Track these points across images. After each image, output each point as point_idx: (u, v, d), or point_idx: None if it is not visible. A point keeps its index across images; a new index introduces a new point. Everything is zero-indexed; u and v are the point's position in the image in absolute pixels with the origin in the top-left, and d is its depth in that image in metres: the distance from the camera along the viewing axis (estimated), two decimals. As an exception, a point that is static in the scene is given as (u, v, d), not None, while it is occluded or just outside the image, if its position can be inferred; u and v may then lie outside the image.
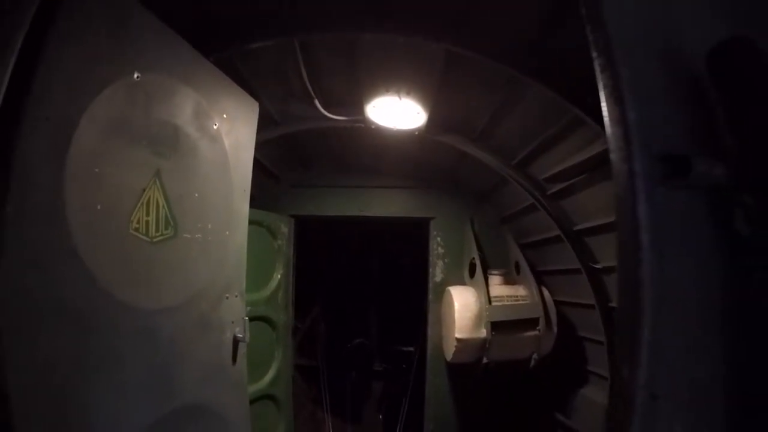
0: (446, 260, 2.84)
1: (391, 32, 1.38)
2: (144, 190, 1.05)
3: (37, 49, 0.85)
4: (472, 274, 2.65)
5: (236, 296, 1.44)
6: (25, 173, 0.80)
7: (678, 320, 0.49)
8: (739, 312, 0.51)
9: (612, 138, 0.50)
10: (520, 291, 2.47)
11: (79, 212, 0.88)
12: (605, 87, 0.52)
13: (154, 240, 1.07)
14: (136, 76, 1.04)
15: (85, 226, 0.90)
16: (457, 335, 2.32)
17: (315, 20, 1.40)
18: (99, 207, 0.93)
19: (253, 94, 1.62)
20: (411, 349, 4.19)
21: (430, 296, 2.85)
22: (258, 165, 1.61)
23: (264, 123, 1.72)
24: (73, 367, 0.90)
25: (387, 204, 2.90)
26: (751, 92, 0.49)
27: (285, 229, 2.77)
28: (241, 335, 1.44)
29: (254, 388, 2.47)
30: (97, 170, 0.92)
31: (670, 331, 0.48)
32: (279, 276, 2.69)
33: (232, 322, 1.42)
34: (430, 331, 2.93)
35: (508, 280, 2.54)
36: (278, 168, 2.66)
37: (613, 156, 0.49)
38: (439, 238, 2.85)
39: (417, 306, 3.33)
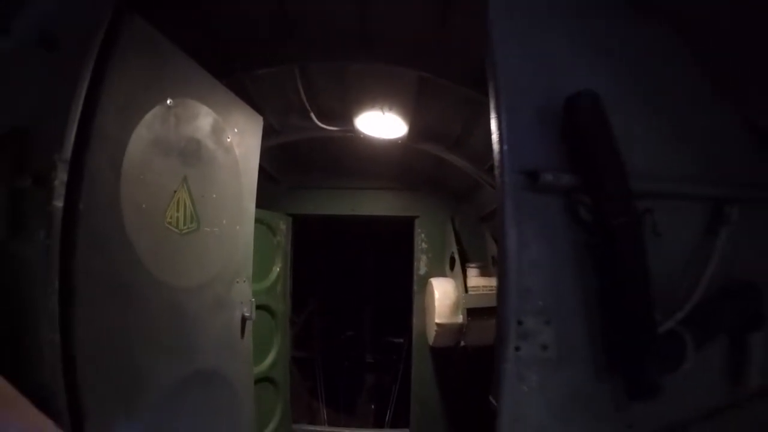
0: (429, 255, 3.11)
1: (374, 61, 1.65)
2: (175, 192, 1.31)
3: (99, 84, 1.10)
4: (452, 267, 2.92)
5: (244, 281, 1.70)
6: (92, 179, 1.06)
7: (538, 275, 0.77)
8: (584, 269, 0.79)
9: (495, 159, 0.78)
10: (495, 282, 2.74)
11: (129, 209, 1.14)
12: (494, 124, 0.80)
13: (183, 232, 1.33)
14: (168, 102, 1.30)
15: (134, 220, 1.16)
16: (437, 320, 2.59)
17: (312, 50, 1.67)
18: (143, 206, 1.19)
19: (258, 109, 1.88)
20: (401, 340, 4.38)
21: (415, 288, 3.12)
22: (260, 169, 1.86)
23: (266, 132, 1.97)
24: (122, 330, 1.16)
25: (375, 204, 3.16)
26: (588, 129, 0.76)
27: (283, 226, 3.02)
28: (248, 314, 1.70)
29: (255, 370, 2.72)
30: (141, 177, 1.18)
31: (532, 282, 0.76)
32: (278, 269, 2.95)
33: (241, 303, 1.68)
34: (415, 320, 3.19)
35: (484, 272, 2.81)
36: (278, 171, 2.91)
37: (495, 171, 0.77)
38: (423, 235, 3.11)
39: (406, 299, 3.57)
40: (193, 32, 1.54)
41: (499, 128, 0.80)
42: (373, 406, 4.62)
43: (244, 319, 1.70)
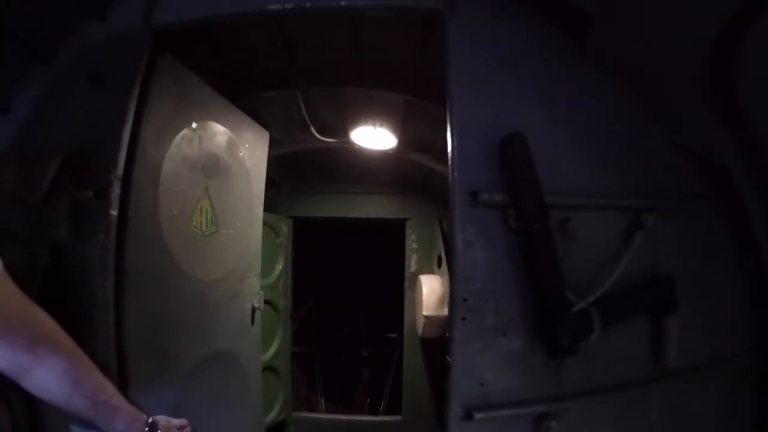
0: (419, 254, 3.38)
1: (366, 87, 1.91)
2: (199, 200, 1.57)
3: (141, 114, 1.36)
4: (439, 265, 3.19)
5: (254, 276, 1.97)
6: (138, 193, 1.32)
7: (478, 266, 1.04)
8: (514, 263, 1.06)
9: (449, 180, 1.05)
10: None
11: (165, 216, 1.40)
12: (449, 153, 1.07)
13: (205, 234, 1.59)
14: (193, 125, 1.55)
15: (168, 224, 1.42)
16: (425, 313, 2.86)
17: (312, 77, 1.93)
18: (175, 212, 1.45)
19: (264, 125, 2.13)
20: (395, 335, 4.61)
21: (406, 284, 3.39)
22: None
23: (270, 144, 2.23)
24: (159, 312, 1.42)
25: (369, 207, 3.43)
26: (514, 162, 1.03)
27: (285, 228, 3.29)
28: (257, 305, 1.96)
29: (260, 358, 2.98)
30: (173, 189, 1.44)
31: (474, 272, 1.03)
32: (280, 267, 3.21)
33: (251, 295, 1.94)
34: (406, 314, 3.46)
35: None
36: (280, 177, 3.17)
37: (450, 192, 1.04)
38: (413, 236, 3.38)
39: (399, 296, 3.82)
40: (211, 61, 1.80)
41: (452, 157, 1.08)
42: (368, 399, 4.86)
43: (254, 309, 1.96)
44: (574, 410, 1.15)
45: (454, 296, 1.06)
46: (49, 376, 0.75)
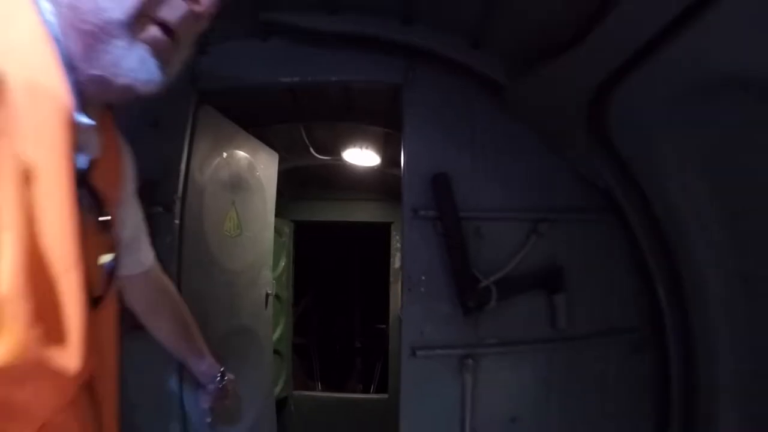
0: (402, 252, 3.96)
1: (354, 121, 2.49)
2: (228, 211, 2.14)
3: (191, 150, 1.92)
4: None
5: (267, 269, 2.55)
6: (190, 207, 1.88)
7: (419, 259, 1.62)
8: (442, 256, 1.65)
9: (402, 201, 1.64)
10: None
11: (207, 224, 1.98)
12: (402, 183, 1.66)
13: (233, 236, 2.17)
14: (224, 154, 2.13)
15: (209, 229, 1.99)
16: (405, 302, 3.44)
17: (312, 114, 2.50)
18: (213, 220, 2.02)
19: (273, 147, 2.70)
20: (384, 326, 5.15)
21: (391, 278, 3.97)
22: (272, 188, 2.72)
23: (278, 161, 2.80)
24: (202, 292, 1.99)
25: (360, 212, 4.02)
26: (439, 192, 1.62)
27: (287, 230, 3.87)
28: (270, 291, 2.54)
29: (266, 341, 3.55)
30: (212, 204, 2.02)
31: (416, 261, 1.62)
32: (283, 263, 3.79)
33: (265, 283, 2.52)
34: (391, 305, 4.03)
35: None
36: (283, 187, 3.74)
37: (402, 208, 1.63)
38: (397, 237, 3.96)
39: (386, 289, 4.37)
40: (236, 105, 2.36)
41: (403, 184, 1.68)
42: (360, 386, 5.40)
43: (267, 295, 2.54)
44: (485, 355, 1.74)
45: (403, 275, 1.65)
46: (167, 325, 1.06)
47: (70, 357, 0.47)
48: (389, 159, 3.01)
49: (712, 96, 1.22)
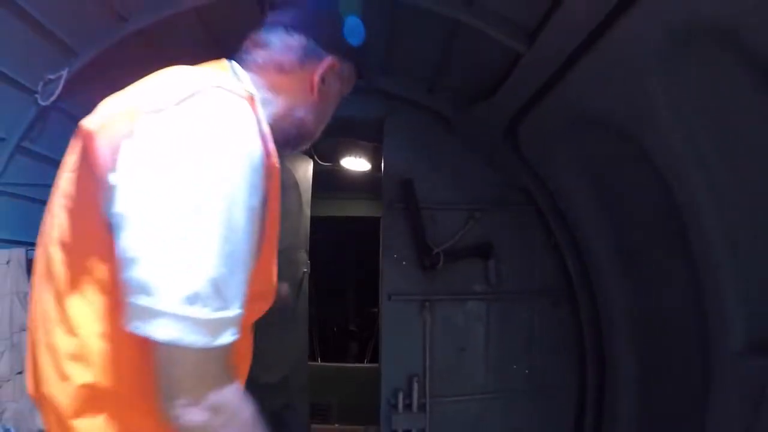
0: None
1: (350, 136, 3.34)
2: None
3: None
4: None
5: (304, 251, 3.39)
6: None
7: (394, 238, 2.48)
8: (409, 231, 2.51)
9: (383, 198, 2.50)
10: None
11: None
12: (382, 184, 2.51)
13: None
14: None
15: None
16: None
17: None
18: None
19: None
20: (376, 310, 5.94)
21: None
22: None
23: (290, 168, 3.65)
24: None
25: (355, 208, 4.88)
26: (406, 192, 2.47)
27: (295, 223, 4.73)
28: (306, 269, 3.38)
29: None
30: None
31: (391, 239, 2.47)
32: (293, 251, 4.64)
33: (302, 263, 3.36)
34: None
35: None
36: (291, 187, 4.61)
37: (383, 201, 2.48)
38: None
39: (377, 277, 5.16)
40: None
41: (383, 187, 2.54)
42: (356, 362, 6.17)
43: (303, 273, 3.39)
44: (439, 301, 2.60)
45: (383, 246, 2.51)
46: None
47: (268, 303, 0.93)
48: (378, 166, 3.86)
49: (584, 128, 2.00)
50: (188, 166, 0.68)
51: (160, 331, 0.63)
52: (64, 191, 0.83)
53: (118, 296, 0.69)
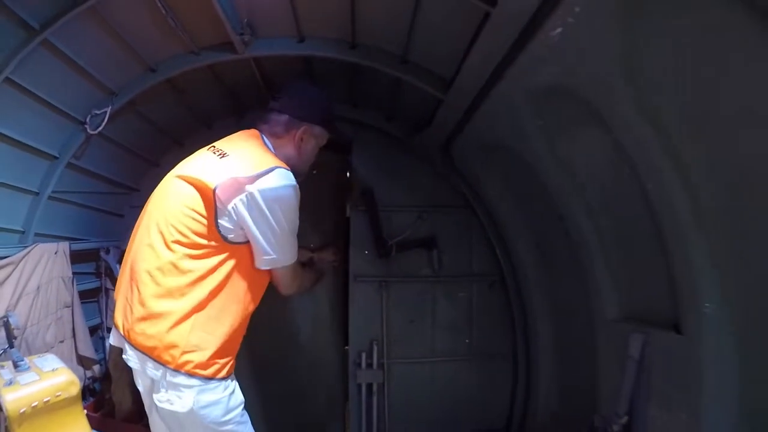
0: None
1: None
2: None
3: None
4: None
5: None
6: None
7: (359, 232, 3.13)
8: (369, 227, 3.16)
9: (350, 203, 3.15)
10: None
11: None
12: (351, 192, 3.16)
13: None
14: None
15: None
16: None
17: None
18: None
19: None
20: None
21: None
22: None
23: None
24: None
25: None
26: (366, 199, 3.12)
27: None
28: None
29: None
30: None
31: (357, 233, 3.12)
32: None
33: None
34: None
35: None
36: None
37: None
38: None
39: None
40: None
41: (352, 193, 3.17)
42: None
43: None
44: (393, 282, 3.25)
45: (351, 239, 3.17)
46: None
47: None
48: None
49: (493, 150, 2.64)
50: (279, 206, 1.77)
51: (282, 264, 1.88)
52: (188, 207, 1.76)
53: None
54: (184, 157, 2.01)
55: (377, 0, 2.01)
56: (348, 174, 3.36)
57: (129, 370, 1.96)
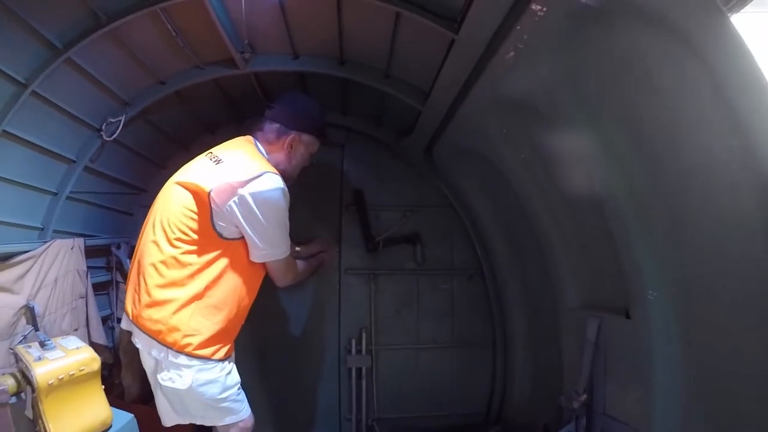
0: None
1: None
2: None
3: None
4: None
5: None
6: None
7: (350, 229, 3.39)
8: (358, 224, 3.41)
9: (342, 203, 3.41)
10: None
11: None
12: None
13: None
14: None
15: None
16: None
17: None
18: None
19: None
20: None
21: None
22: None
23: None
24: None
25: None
26: (357, 199, 3.38)
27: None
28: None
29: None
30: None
31: (348, 230, 3.38)
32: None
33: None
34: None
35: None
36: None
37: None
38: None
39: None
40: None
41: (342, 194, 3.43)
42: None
43: None
44: (380, 275, 3.51)
45: (342, 235, 3.42)
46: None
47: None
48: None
49: (468, 155, 2.87)
50: (269, 207, 1.97)
51: (274, 258, 2.08)
52: (187, 208, 1.96)
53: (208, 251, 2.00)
54: (189, 160, 2.25)
55: (361, 25, 2.27)
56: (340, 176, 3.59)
57: (137, 356, 2.18)
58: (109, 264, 3.42)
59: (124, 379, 3.36)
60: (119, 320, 3.30)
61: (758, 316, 1.34)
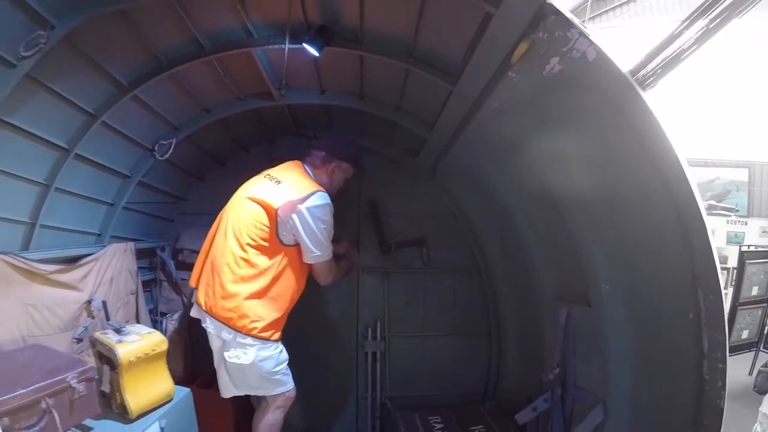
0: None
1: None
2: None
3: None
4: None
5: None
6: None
7: (366, 234, 3.84)
8: (373, 229, 3.86)
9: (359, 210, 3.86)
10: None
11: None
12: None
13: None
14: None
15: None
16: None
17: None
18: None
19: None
20: None
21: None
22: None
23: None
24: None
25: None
26: (373, 208, 3.83)
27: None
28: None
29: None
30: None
31: (365, 234, 3.83)
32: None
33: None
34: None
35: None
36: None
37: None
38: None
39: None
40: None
41: (360, 203, 3.88)
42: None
43: None
44: (393, 272, 3.95)
45: (359, 238, 3.87)
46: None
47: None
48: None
49: (466, 173, 3.31)
50: (320, 218, 2.46)
51: (322, 259, 2.54)
52: (258, 220, 2.40)
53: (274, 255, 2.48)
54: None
55: (378, 73, 2.73)
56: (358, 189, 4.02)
57: (180, 345, 2.60)
58: (152, 264, 3.71)
59: (169, 364, 3.81)
60: (162, 313, 3.70)
61: (682, 298, 1.64)
